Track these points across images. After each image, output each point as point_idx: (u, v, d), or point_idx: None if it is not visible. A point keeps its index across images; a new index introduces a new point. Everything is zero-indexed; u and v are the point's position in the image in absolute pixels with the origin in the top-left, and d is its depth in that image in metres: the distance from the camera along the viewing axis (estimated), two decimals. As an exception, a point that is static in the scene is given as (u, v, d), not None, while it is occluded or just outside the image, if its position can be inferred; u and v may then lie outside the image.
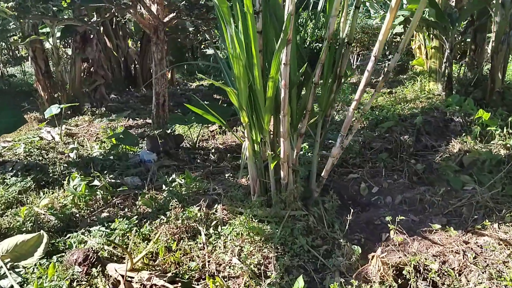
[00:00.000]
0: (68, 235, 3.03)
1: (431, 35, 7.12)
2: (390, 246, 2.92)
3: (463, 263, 2.54)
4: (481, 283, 2.35)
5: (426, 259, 2.62)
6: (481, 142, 3.87)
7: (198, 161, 5.05)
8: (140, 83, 10.70)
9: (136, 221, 3.13)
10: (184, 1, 4.65)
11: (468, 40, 6.60)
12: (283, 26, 2.40)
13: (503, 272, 2.35)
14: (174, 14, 4.79)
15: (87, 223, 3.28)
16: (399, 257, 2.73)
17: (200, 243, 2.86)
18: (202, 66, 17.30)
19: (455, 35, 5.62)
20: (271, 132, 3.17)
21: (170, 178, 3.88)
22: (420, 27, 6.74)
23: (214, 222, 3.07)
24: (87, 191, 3.54)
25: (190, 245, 2.85)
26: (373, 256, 2.63)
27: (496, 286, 2.29)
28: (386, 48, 9.17)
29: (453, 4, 6.00)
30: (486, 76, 5.76)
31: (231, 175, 4.27)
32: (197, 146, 5.55)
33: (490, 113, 4.27)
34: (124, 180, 4.26)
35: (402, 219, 3.18)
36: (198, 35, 9.04)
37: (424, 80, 7.54)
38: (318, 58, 2.79)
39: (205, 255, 2.73)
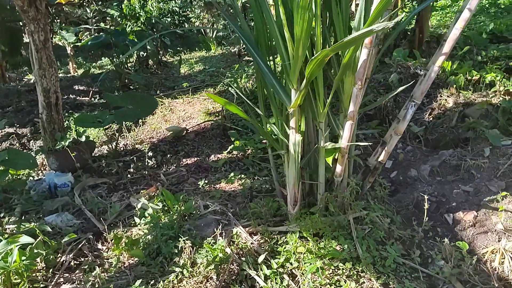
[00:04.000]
0: None
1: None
2: (466, 229, 2.42)
3: None
4: None
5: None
6: (474, 91, 3.60)
7: (132, 170, 3.80)
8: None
9: (142, 288, 1.99)
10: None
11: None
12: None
13: None
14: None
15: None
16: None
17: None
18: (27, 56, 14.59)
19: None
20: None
21: (139, 205, 2.68)
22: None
23: (262, 257, 2.11)
24: (24, 258, 2.16)
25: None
26: (492, 250, 2.09)
27: None
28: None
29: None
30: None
31: (205, 182, 3.23)
32: (118, 151, 4.23)
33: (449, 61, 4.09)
34: (50, 222, 2.87)
35: (455, 192, 2.73)
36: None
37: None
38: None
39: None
